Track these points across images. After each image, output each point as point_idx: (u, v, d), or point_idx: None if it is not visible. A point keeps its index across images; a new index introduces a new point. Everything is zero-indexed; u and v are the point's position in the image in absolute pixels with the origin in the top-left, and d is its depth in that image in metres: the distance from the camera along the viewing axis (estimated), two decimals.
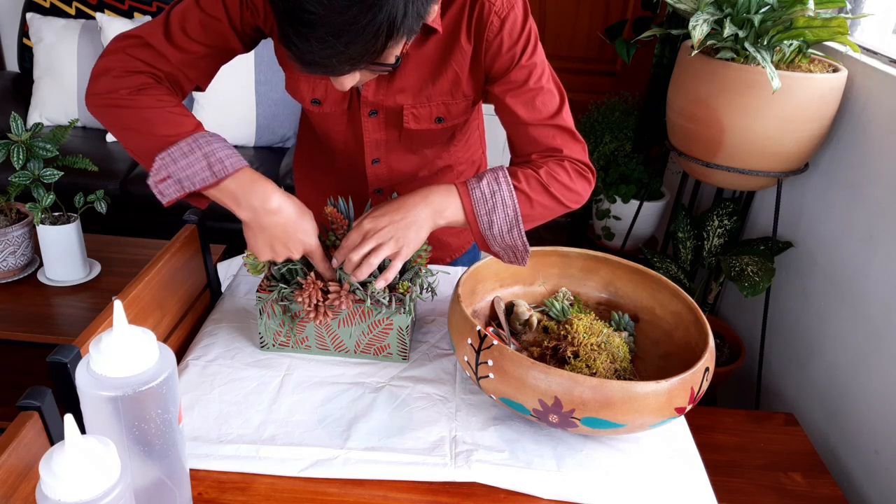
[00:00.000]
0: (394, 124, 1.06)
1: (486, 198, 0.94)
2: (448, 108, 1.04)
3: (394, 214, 0.92)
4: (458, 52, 0.98)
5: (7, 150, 1.55)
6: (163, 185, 0.90)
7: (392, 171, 1.14)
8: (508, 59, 0.97)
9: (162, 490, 0.66)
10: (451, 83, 1.01)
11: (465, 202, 0.94)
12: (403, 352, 1.00)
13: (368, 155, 1.10)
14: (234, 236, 2.17)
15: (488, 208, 0.94)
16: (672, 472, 0.85)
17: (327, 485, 0.80)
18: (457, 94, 1.02)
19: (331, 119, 1.07)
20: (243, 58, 2.64)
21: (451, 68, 0.99)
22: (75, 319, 1.65)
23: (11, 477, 0.65)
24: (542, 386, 0.79)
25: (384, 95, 1.01)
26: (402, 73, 0.99)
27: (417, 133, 1.07)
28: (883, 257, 1.59)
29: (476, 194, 0.94)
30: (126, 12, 2.81)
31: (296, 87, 1.05)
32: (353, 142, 1.10)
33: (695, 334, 0.94)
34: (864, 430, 1.60)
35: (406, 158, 1.13)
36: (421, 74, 1.00)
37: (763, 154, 1.73)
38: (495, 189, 0.94)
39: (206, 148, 0.87)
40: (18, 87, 2.82)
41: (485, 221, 0.94)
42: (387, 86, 1.00)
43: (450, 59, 0.99)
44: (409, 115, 1.03)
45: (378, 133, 1.07)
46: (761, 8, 1.63)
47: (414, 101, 1.02)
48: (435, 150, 1.15)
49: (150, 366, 0.61)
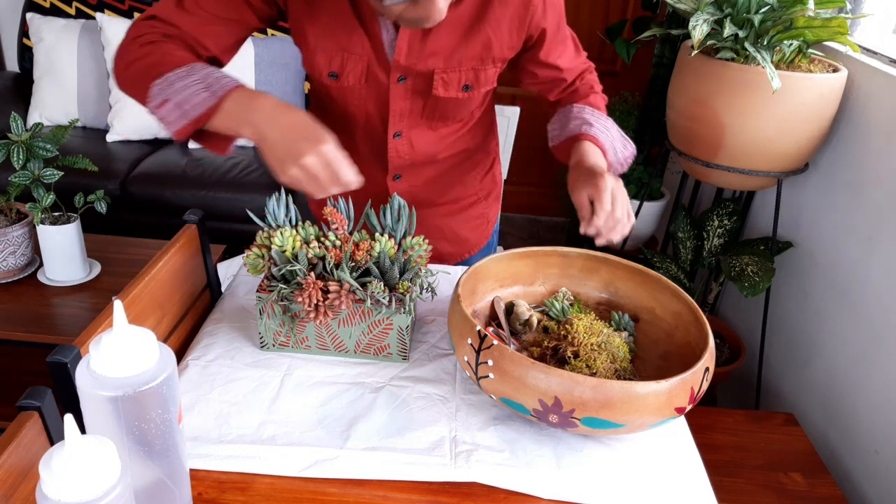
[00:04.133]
0: (421, 92, 1.07)
1: (606, 133, 1.07)
2: (476, 75, 1.06)
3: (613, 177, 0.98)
4: (494, 12, 1.00)
5: (7, 150, 1.55)
6: (164, 111, 0.86)
7: (413, 149, 1.15)
8: (555, 21, 1.06)
9: (162, 490, 0.66)
10: (483, 47, 1.03)
11: (599, 146, 1.05)
12: (403, 352, 1.00)
13: (392, 127, 1.10)
14: (234, 236, 2.18)
15: (611, 140, 1.07)
16: (672, 472, 0.85)
17: (327, 485, 0.80)
18: (487, 60, 1.05)
19: (350, 93, 1.07)
20: (243, 58, 2.65)
21: (483, 31, 1.02)
22: (75, 319, 1.65)
23: (11, 477, 0.65)
24: (542, 386, 0.79)
25: (417, 59, 1.02)
26: (435, 35, 1.00)
27: (443, 102, 1.08)
28: (883, 257, 1.59)
29: (601, 136, 1.06)
30: (126, 12, 2.81)
31: (312, 62, 1.04)
32: (375, 115, 1.10)
33: (695, 334, 0.94)
34: (864, 430, 1.60)
35: (426, 136, 1.14)
36: (453, 37, 1.01)
37: (763, 154, 1.73)
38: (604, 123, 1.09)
39: (201, 72, 0.85)
40: (18, 87, 2.82)
41: (611, 151, 1.07)
42: (419, 49, 1.01)
43: (484, 19, 1.01)
44: (438, 80, 1.04)
45: (404, 101, 1.07)
46: (761, 8, 1.63)
47: (445, 64, 1.03)
48: (453, 127, 1.16)
49: (150, 366, 0.61)
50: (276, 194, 1.02)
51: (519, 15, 1.02)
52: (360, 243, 0.97)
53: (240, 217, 2.35)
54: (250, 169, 2.52)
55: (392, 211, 1.02)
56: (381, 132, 1.12)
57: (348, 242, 0.97)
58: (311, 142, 0.82)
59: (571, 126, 1.08)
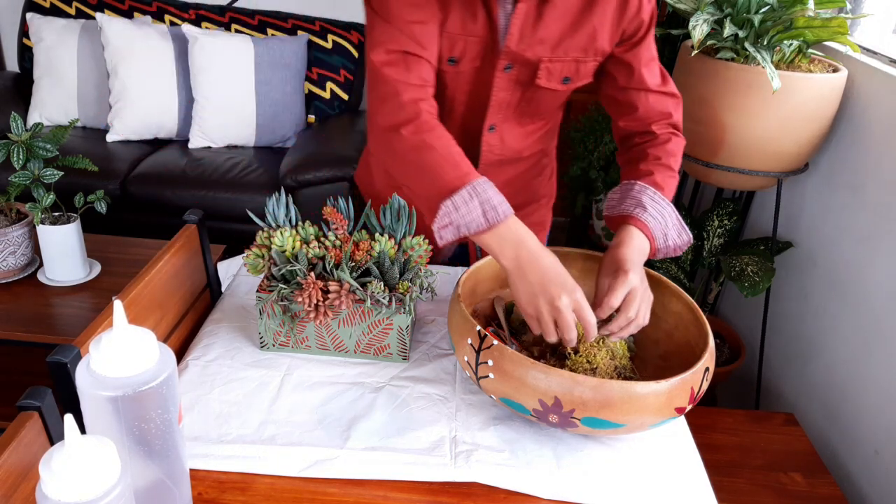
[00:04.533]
0: (524, 82, 1.08)
1: (658, 221, 1.02)
2: (577, 67, 1.08)
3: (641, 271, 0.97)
4: (601, 5, 1.02)
5: (7, 150, 1.55)
6: (444, 231, 0.94)
7: (503, 144, 1.16)
8: (641, 23, 1.06)
9: (162, 490, 0.66)
10: (588, 38, 1.05)
11: (647, 233, 1.01)
12: (403, 352, 1.00)
13: (489, 119, 1.12)
14: (234, 236, 2.19)
15: (662, 228, 1.02)
16: (672, 472, 0.85)
17: (327, 485, 0.80)
18: (589, 52, 1.06)
19: (462, 79, 1.08)
20: (243, 58, 2.64)
21: (590, 22, 1.03)
22: (75, 319, 1.65)
23: (11, 477, 0.65)
24: (542, 386, 0.79)
25: (527, 45, 1.03)
26: (545, 22, 1.02)
27: (540, 94, 1.10)
28: (883, 257, 1.59)
29: (651, 223, 1.01)
30: (126, 12, 2.81)
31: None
32: (476, 106, 1.11)
33: (695, 334, 0.94)
34: (864, 430, 1.60)
35: (515, 131, 1.16)
36: (563, 25, 1.03)
37: (763, 154, 1.73)
38: (661, 210, 1.03)
39: (482, 196, 0.92)
40: (18, 87, 2.82)
41: (661, 239, 1.02)
42: (530, 35, 1.03)
43: (592, 10, 1.03)
44: (543, 70, 1.06)
45: (506, 92, 1.09)
46: (761, 8, 1.63)
47: (552, 53, 1.05)
48: (538, 124, 1.18)
49: (150, 366, 0.61)
50: (276, 194, 1.02)
51: (620, 8, 1.04)
52: (360, 243, 0.97)
53: (240, 217, 2.35)
54: (250, 169, 2.52)
55: (392, 211, 1.02)
56: (477, 125, 1.13)
57: (348, 242, 0.97)
58: (568, 289, 0.88)
59: (626, 205, 1.04)
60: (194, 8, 2.85)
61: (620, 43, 1.08)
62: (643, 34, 1.08)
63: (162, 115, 2.70)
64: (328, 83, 2.85)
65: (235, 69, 2.65)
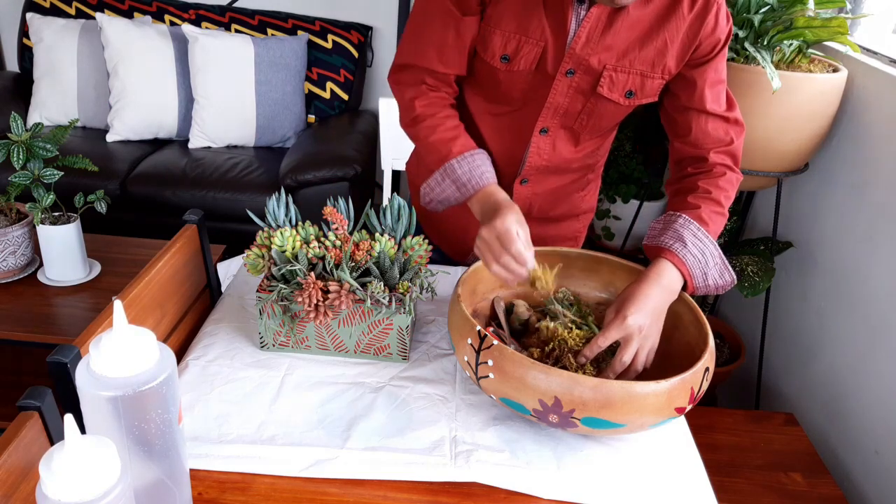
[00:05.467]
0: (584, 90, 1.06)
1: (698, 258, 0.99)
2: (643, 82, 1.05)
3: (651, 313, 0.93)
4: (675, 20, 1.01)
5: (7, 150, 1.55)
6: (431, 206, 1.11)
7: (554, 151, 1.15)
8: (716, 42, 1.03)
9: (162, 490, 0.66)
10: (657, 53, 1.03)
11: (684, 270, 0.98)
12: (403, 352, 1.00)
13: (541, 121, 1.10)
14: (234, 236, 2.19)
15: (702, 266, 0.99)
16: (672, 472, 0.85)
17: (327, 485, 0.80)
18: (657, 66, 1.04)
19: (516, 78, 1.07)
20: (243, 57, 2.64)
21: (661, 36, 1.01)
22: (75, 319, 1.65)
23: (11, 477, 0.65)
24: (542, 386, 0.79)
25: (592, 50, 1.02)
26: (615, 29, 1.00)
27: (602, 106, 1.08)
28: (883, 257, 1.59)
29: (690, 260, 0.98)
30: (126, 12, 2.81)
31: (487, 42, 1.05)
32: (530, 106, 1.10)
33: (695, 334, 0.94)
34: (864, 430, 1.60)
35: (570, 143, 1.14)
36: (632, 36, 1.01)
37: (763, 154, 1.73)
38: (702, 248, 1.00)
39: (452, 175, 1.05)
40: (18, 87, 2.82)
41: (700, 278, 0.99)
42: (598, 40, 1.01)
43: (664, 25, 1.01)
44: (606, 78, 1.04)
45: (564, 97, 1.07)
46: (761, 8, 1.63)
47: (617, 62, 1.03)
48: (597, 140, 1.18)
49: (150, 366, 0.61)
50: (276, 194, 1.02)
51: (694, 27, 1.01)
52: (360, 243, 0.97)
53: (240, 217, 2.35)
54: (250, 169, 2.52)
55: (392, 211, 1.02)
56: (529, 126, 1.12)
57: (348, 242, 0.97)
58: (494, 218, 0.94)
59: (666, 237, 1.01)
60: (194, 8, 2.85)
61: (690, 61, 1.05)
62: (714, 54, 1.04)
63: (162, 115, 2.70)
64: (328, 83, 2.85)
65: (235, 69, 2.65)
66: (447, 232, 1.29)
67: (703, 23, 1.01)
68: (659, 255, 0.99)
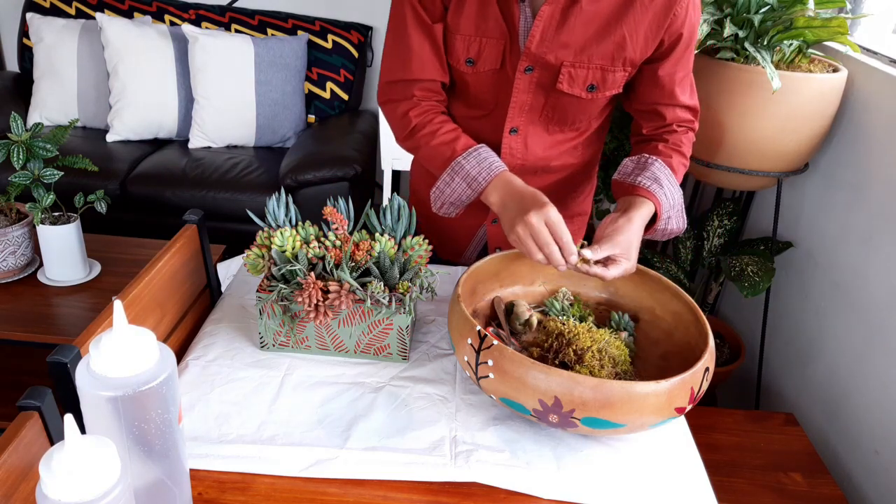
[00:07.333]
0: (545, 86, 1.07)
1: (670, 202, 1.06)
2: (604, 75, 1.06)
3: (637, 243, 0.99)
4: (635, 13, 1.00)
5: (7, 150, 1.55)
6: (444, 210, 1.12)
7: (526, 149, 1.15)
8: (686, 36, 1.04)
9: (162, 490, 0.66)
10: (616, 47, 1.03)
11: (659, 211, 1.05)
12: (403, 352, 1.00)
13: (509, 121, 1.12)
14: (234, 236, 2.19)
15: (668, 210, 1.06)
16: (672, 472, 0.85)
17: (327, 485, 0.80)
18: (617, 60, 1.05)
19: (483, 80, 1.09)
20: (243, 58, 2.65)
21: (620, 30, 1.02)
22: (75, 319, 1.65)
23: (11, 477, 0.65)
24: (542, 386, 0.79)
25: (548, 48, 1.02)
26: (569, 26, 1.01)
27: (566, 101, 1.09)
28: (883, 257, 1.59)
29: (664, 203, 1.05)
30: (126, 12, 2.81)
31: (452, 47, 1.08)
32: (501, 107, 1.12)
33: (695, 334, 0.94)
34: (864, 430, 1.60)
35: (542, 138, 1.15)
36: (589, 31, 1.02)
37: (763, 154, 1.73)
38: (673, 192, 1.07)
39: (461, 173, 1.06)
40: (18, 87, 2.82)
41: (664, 220, 1.06)
42: (552, 38, 1.02)
43: (623, 18, 1.01)
44: (565, 74, 1.05)
45: (526, 94, 1.08)
46: (761, 8, 1.63)
47: (574, 58, 1.04)
48: (569, 135, 1.17)
49: (150, 366, 0.61)
50: (276, 194, 1.02)
51: (658, 20, 1.01)
52: (360, 243, 0.97)
53: (240, 217, 2.35)
54: (250, 169, 2.52)
55: (392, 211, 1.02)
56: (500, 126, 1.13)
57: (348, 242, 0.97)
58: (538, 206, 0.94)
59: (643, 177, 1.06)
60: (194, 8, 2.85)
61: (656, 55, 1.06)
62: (682, 50, 1.05)
63: (162, 115, 2.70)
64: (328, 83, 2.85)
65: (235, 69, 2.65)
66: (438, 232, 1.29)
67: (669, 12, 1.01)
68: (635, 193, 1.05)
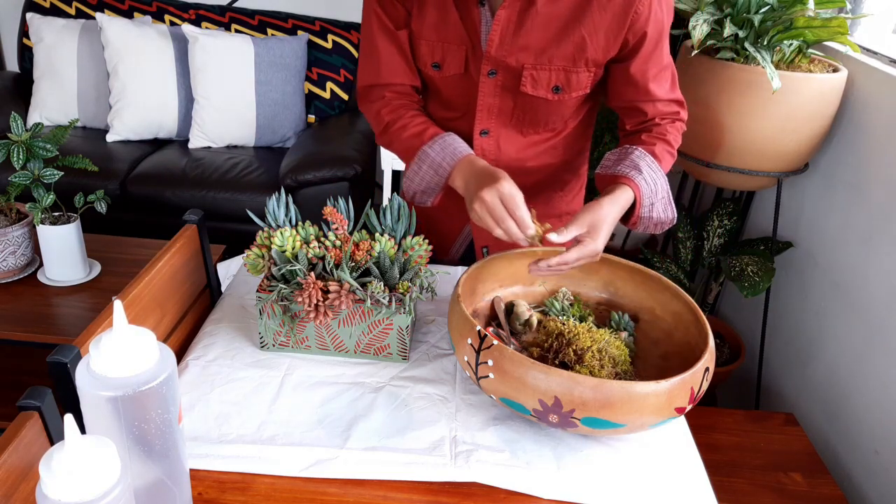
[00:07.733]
0: (510, 89, 1.08)
1: (651, 186, 1.03)
2: (567, 77, 1.05)
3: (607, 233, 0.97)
4: (593, 13, 1.00)
5: (7, 150, 1.55)
6: (417, 199, 1.12)
7: (499, 151, 1.15)
8: (650, 34, 1.02)
9: (162, 490, 0.66)
10: (576, 48, 1.02)
11: (637, 194, 1.02)
12: (403, 352, 1.00)
13: (479, 123, 1.12)
14: (234, 236, 2.18)
15: (651, 196, 1.03)
16: (672, 472, 0.85)
17: (327, 485, 0.80)
18: (579, 61, 1.04)
19: (451, 83, 1.11)
20: (243, 58, 2.65)
21: (578, 32, 1.01)
22: (75, 319, 1.65)
23: (11, 477, 0.65)
24: (542, 386, 0.79)
25: (507, 51, 1.03)
26: (526, 29, 1.01)
27: (533, 103, 1.09)
28: (883, 257, 1.59)
29: (644, 187, 1.02)
30: (126, 12, 2.81)
31: (417, 52, 1.10)
32: (470, 109, 1.12)
33: (695, 334, 0.94)
34: (864, 430, 1.60)
35: (515, 139, 1.15)
36: (546, 34, 1.02)
37: (763, 154, 1.73)
38: (655, 178, 1.04)
39: (427, 160, 1.07)
40: (18, 87, 2.82)
41: (647, 207, 1.04)
42: (511, 42, 1.02)
43: (581, 19, 1.00)
44: (527, 77, 1.05)
45: (493, 98, 1.09)
46: (761, 8, 1.63)
47: (535, 61, 1.03)
48: (544, 135, 1.16)
49: (150, 366, 0.61)
50: (276, 194, 1.02)
51: (618, 19, 1.00)
52: (360, 243, 0.97)
53: (240, 217, 2.35)
54: (250, 169, 2.52)
55: (392, 211, 1.02)
56: (471, 129, 1.13)
57: (348, 242, 0.97)
58: (494, 182, 0.95)
59: (622, 166, 1.04)
60: (194, 8, 2.85)
61: (624, 54, 1.05)
62: (650, 48, 1.04)
63: (162, 115, 2.70)
64: (328, 83, 2.85)
65: (235, 69, 2.65)
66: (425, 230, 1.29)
67: (630, 11, 1.00)
68: (615, 181, 1.03)
